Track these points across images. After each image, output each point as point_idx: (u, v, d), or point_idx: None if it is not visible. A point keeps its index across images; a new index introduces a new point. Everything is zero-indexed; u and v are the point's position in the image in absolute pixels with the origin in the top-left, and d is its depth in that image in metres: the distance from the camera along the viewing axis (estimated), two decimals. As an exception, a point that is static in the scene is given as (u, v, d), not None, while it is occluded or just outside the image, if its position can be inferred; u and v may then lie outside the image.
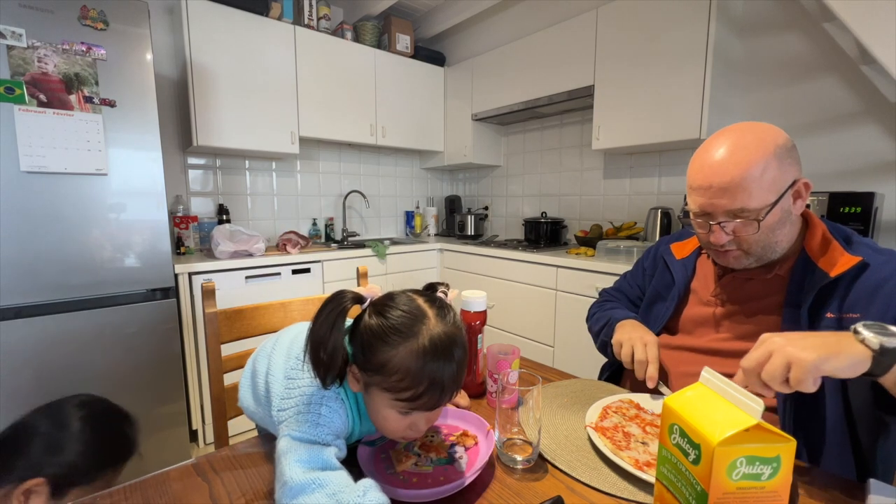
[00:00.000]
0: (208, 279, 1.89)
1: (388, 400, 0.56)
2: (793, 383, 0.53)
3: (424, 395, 0.54)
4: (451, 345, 0.55)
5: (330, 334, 0.54)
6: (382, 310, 0.56)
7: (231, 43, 2.15)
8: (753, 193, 0.70)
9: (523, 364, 0.96)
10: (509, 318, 2.39)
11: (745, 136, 0.72)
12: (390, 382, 0.54)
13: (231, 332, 1.02)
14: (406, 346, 0.53)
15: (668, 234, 1.08)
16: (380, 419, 0.59)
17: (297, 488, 0.49)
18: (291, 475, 0.50)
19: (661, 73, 1.88)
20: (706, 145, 0.76)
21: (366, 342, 0.55)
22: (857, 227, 1.43)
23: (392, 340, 0.54)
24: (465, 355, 0.57)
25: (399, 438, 0.62)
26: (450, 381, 0.55)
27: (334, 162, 2.97)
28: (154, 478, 0.61)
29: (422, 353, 0.53)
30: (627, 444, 0.65)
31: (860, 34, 1.31)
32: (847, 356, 0.52)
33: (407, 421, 0.58)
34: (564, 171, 2.73)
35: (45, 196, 1.44)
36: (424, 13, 3.07)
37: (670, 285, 0.95)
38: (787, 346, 0.54)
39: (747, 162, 0.70)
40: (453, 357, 0.55)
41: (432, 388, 0.54)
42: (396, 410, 0.56)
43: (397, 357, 0.53)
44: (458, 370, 0.56)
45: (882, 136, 1.58)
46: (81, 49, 1.47)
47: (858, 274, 0.70)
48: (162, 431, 1.74)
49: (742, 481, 0.42)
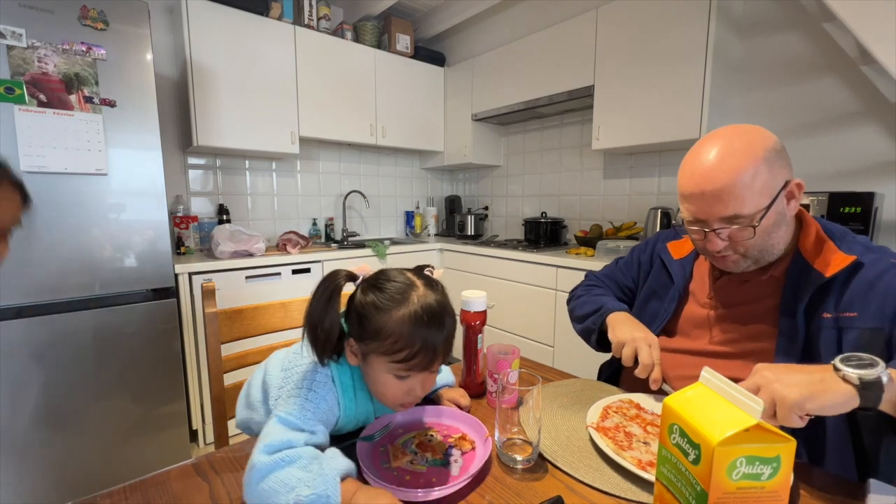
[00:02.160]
0: (208, 279, 1.89)
1: (385, 364, 0.60)
2: (779, 420, 0.54)
3: (419, 355, 0.58)
4: (441, 309, 0.60)
5: (326, 310, 0.59)
6: (375, 283, 0.62)
7: (231, 43, 2.15)
8: (746, 199, 0.69)
9: (523, 364, 0.96)
10: (509, 318, 2.39)
11: (734, 142, 0.71)
12: (386, 346, 0.58)
13: (231, 332, 1.02)
14: (399, 311, 0.58)
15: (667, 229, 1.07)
16: (379, 387, 0.63)
17: (264, 469, 0.52)
18: (258, 459, 0.53)
19: (661, 73, 1.88)
20: (695, 151, 0.75)
21: (361, 313, 0.60)
22: (857, 227, 1.43)
23: (386, 306, 0.59)
24: (454, 322, 0.63)
25: (397, 406, 0.65)
26: (441, 342, 0.60)
27: (334, 162, 2.97)
28: (154, 478, 0.61)
29: (414, 316, 0.58)
30: (629, 444, 0.65)
31: (860, 34, 1.31)
32: (832, 395, 0.52)
33: (404, 386, 0.62)
34: (564, 171, 2.73)
35: (45, 196, 1.44)
36: (424, 13, 3.06)
37: (668, 286, 0.95)
38: (774, 382, 0.55)
39: (737, 168, 0.69)
40: (443, 321, 0.60)
41: (425, 349, 0.58)
42: (394, 375, 0.61)
43: (391, 321, 0.58)
44: (449, 333, 0.61)
45: (882, 136, 1.58)
46: (81, 49, 1.46)
47: (853, 273, 0.71)
48: (162, 431, 1.74)
49: (742, 481, 0.42)
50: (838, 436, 0.68)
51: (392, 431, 0.70)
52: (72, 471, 1.54)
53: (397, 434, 0.70)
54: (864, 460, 0.69)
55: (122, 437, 1.64)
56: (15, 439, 1.44)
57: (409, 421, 0.75)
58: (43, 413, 1.48)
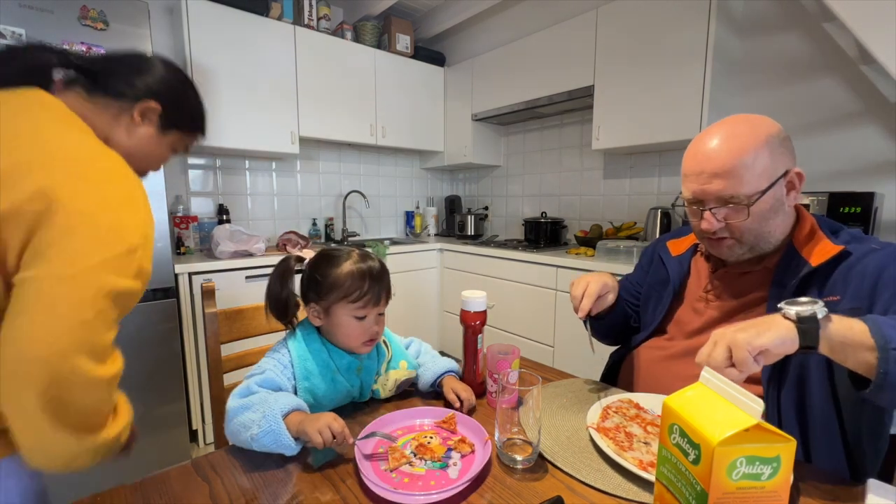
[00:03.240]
0: (208, 279, 1.89)
1: (344, 308, 0.77)
2: (737, 364, 0.56)
3: (368, 292, 0.76)
4: (376, 261, 0.81)
5: (281, 286, 0.78)
6: (321, 256, 0.80)
7: (231, 43, 2.15)
8: (745, 179, 0.71)
9: (523, 364, 0.96)
10: (509, 318, 2.39)
11: (739, 126, 0.74)
12: (342, 291, 0.76)
13: (231, 332, 1.02)
14: (346, 265, 0.77)
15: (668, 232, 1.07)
16: (343, 333, 0.78)
17: (231, 412, 0.69)
18: (230, 403, 0.70)
19: (662, 73, 1.88)
20: (701, 135, 0.78)
21: (317, 279, 0.77)
22: (857, 227, 1.43)
23: (336, 263, 0.78)
24: (387, 270, 0.82)
25: (362, 346, 0.79)
26: (382, 282, 0.79)
27: (334, 162, 2.97)
28: (154, 478, 0.61)
29: (357, 265, 0.77)
30: (630, 444, 0.65)
31: (860, 34, 1.31)
32: (776, 330, 0.56)
33: (363, 325, 0.78)
34: (564, 171, 2.73)
35: (45, 196, 1.44)
36: (424, 13, 3.07)
37: (665, 281, 0.95)
38: (726, 332, 0.58)
39: (739, 148, 0.71)
40: (380, 267, 0.80)
41: (371, 286, 0.77)
42: (353, 317, 0.77)
43: (343, 272, 0.76)
44: (386, 278, 0.80)
45: (882, 136, 1.58)
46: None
47: (836, 260, 0.71)
48: (162, 431, 1.74)
49: (742, 481, 0.42)
50: (826, 428, 0.69)
51: (392, 433, 0.70)
52: (72, 471, 1.54)
53: (397, 436, 0.70)
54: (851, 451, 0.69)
55: (122, 437, 1.64)
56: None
57: (410, 423, 0.75)
58: (43, 413, 1.48)
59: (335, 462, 0.65)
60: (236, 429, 0.67)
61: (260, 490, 0.59)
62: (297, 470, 0.63)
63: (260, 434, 0.63)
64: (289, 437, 0.63)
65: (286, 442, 0.63)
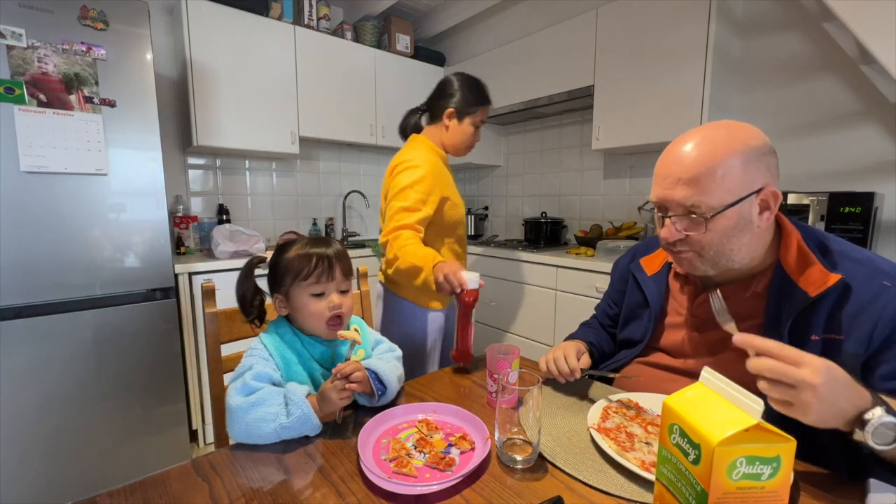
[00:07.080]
0: (208, 279, 1.88)
1: (301, 289, 0.79)
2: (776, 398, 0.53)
3: (318, 266, 0.79)
4: (324, 237, 0.84)
5: (246, 282, 0.84)
6: (274, 251, 0.84)
7: (231, 43, 2.15)
8: (708, 190, 0.66)
9: (523, 364, 0.96)
10: (509, 318, 2.39)
11: (717, 132, 0.68)
12: (293, 272, 0.79)
13: (231, 332, 1.02)
14: (294, 247, 0.81)
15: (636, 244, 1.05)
16: (306, 315, 0.80)
17: (240, 411, 0.69)
18: (234, 401, 0.70)
19: (661, 72, 1.88)
20: (679, 136, 0.73)
21: (274, 270, 0.82)
22: (857, 227, 1.43)
23: (284, 250, 0.82)
24: (339, 246, 0.84)
25: (327, 326, 0.80)
26: (333, 254, 0.81)
27: (334, 162, 2.97)
28: (154, 478, 0.61)
29: (303, 244, 0.82)
30: (631, 444, 0.65)
31: (860, 34, 1.31)
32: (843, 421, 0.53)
33: (324, 303, 0.79)
34: (564, 171, 2.73)
35: (45, 196, 1.44)
36: (424, 13, 3.06)
37: (643, 304, 0.91)
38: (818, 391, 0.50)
39: (708, 156, 0.66)
40: (328, 241, 0.83)
41: (320, 260, 0.79)
42: (310, 294, 0.79)
43: (292, 255, 0.80)
44: (336, 250, 0.82)
45: (882, 136, 1.58)
46: (81, 49, 1.46)
47: (841, 294, 0.66)
48: (162, 431, 1.74)
49: (742, 481, 0.42)
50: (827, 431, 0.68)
51: (396, 426, 0.72)
52: (72, 471, 1.53)
53: (400, 428, 0.72)
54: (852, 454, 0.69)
55: (123, 437, 1.64)
56: (15, 439, 1.44)
57: (413, 417, 0.76)
58: (43, 413, 1.48)
59: (337, 462, 0.65)
60: (252, 424, 0.68)
61: (260, 490, 0.59)
62: (298, 470, 0.63)
63: (292, 421, 0.68)
64: (316, 417, 0.70)
65: (316, 422, 0.70)
